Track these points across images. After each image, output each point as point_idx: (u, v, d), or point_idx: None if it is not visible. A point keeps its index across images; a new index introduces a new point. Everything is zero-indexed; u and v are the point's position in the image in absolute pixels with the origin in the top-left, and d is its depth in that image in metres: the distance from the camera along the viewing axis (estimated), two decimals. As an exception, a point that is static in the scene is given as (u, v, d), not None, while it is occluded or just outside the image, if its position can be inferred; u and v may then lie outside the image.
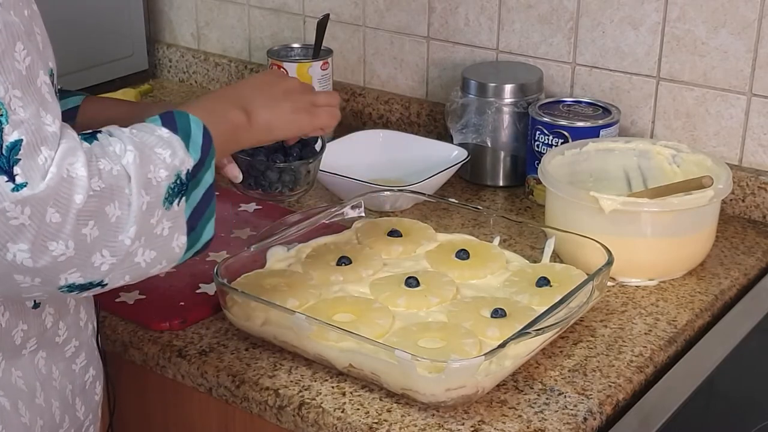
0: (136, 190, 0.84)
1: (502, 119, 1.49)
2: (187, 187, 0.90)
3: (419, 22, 1.68)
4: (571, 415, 1.01)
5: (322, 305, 1.11)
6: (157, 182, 0.86)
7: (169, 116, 0.92)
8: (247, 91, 1.07)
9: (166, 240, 0.89)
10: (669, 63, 1.46)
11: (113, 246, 0.83)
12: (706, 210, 1.24)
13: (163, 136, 0.89)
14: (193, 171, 0.90)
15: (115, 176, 0.83)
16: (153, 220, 0.86)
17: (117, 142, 0.85)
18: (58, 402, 0.97)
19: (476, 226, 1.36)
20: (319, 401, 1.03)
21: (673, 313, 1.20)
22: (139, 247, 0.86)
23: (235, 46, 1.94)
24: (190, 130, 0.92)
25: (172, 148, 0.89)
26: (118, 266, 0.85)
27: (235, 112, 1.02)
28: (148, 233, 0.86)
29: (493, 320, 1.09)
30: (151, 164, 0.86)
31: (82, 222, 0.80)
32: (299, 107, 1.09)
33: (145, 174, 0.85)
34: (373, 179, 1.42)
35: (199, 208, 0.92)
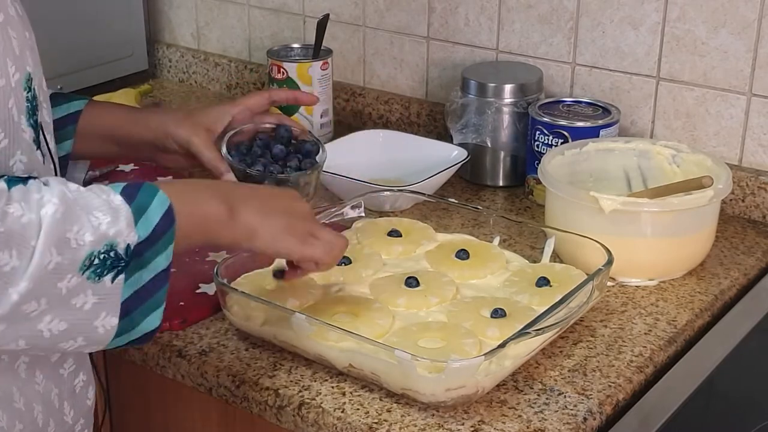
0: (43, 244, 0.78)
1: (502, 119, 1.49)
2: (127, 264, 0.84)
3: (419, 22, 1.68)
4: (571, 415, 1.01)
5: (322, 305, 1.11)
6: (77, 244, 0.80)
7: (133, 186, 0.87)
8: (244, 192, 1.01)
9: (87, 315, 0.83)
10: (669, 63, 1.46)
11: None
12: (706, 210, 1.24)
13: (111, 202, 0.84)
14: (136, 248, 0.84)
15: (22, 224, 0.78)
16: (62, 284, 0.80)
17: (47, 192, 0.81)
18: (41, 406, 0.95)
19: (476, 226, 1.36)
20: (319, 401, 1.03)
21: (673, 313, 1.20)
22: (40, 313, 0.80)
23: (235, 46, 1.94)
24: (148, 205, 0.86)
25: (114, 217, 0.83)
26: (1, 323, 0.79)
27: (216, 203, 0.94)
28: (53, 298, 0.80)
29: (493, 320, 1.09)
30: (75, 224, 0.81)
31: None
32: (293, 229, 1.00)
33: (62, 232, 0.80)
34: (373, 179, 1.42)
35: (142, 292, 0.86)
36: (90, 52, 1.85)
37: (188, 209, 0.90)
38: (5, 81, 0.85)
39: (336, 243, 1.03)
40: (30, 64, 0.89)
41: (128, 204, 0.85)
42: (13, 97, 0.87)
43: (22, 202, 0.79)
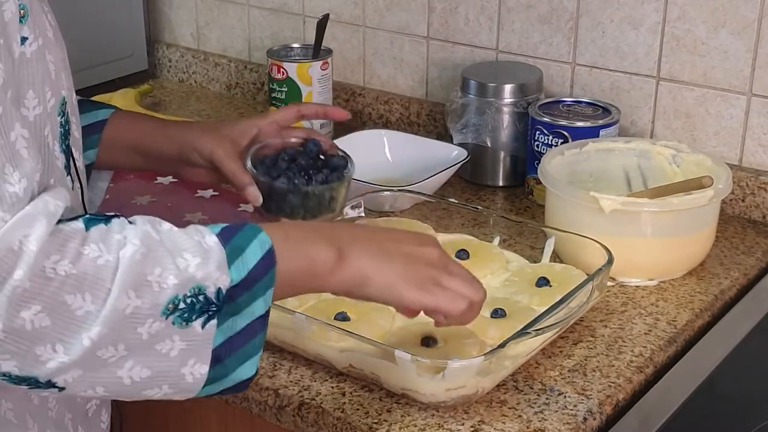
0: (119, 287, 0.74)
1: (502, 119, 1.49)
2: (219, 309, 0.79)
3: (419, 22, 1.68)
4: (571, 415, 1.01)
5: (322, 305, 1.11)
6: (159, 288, 0.76)
7: (234, 228, 0.82)
8: (359, 233, 0.92)
9: (173, 361, 0.78)
10: (669, 63, 1.46)
11: (68, 342, 0.73)
12: (706, 210, 1.24)
13: (204, 243, 0.79)
14: (229, 292, 0.79)
15: (98, 266, 0.74)
16: (142, 329, 0.76)
17: (130, 231, 0.77)
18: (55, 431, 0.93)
19: (476, 226, 1.36)
20: (319, 401, 1.03)
21: (673, 313, 1.20)
22: (119, 359, 0.76)
23: (235, 46, 1.94)
24: (245, 247, 0.80)
25: (204, 258, 0.78)
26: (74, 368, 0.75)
27: (324, 248, 0.86)
28: (133, 344, 0.76)
29: (493, 320, 1.09)
30: (157, 266, 0.76)
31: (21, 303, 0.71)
32: (414, 276, 0.89)
33: (142, 274, 0.75)
34: (373, 179, 1.42)
35: (236, 339, 0.80)
36: (90, 52, 1.85)
37: (291, 253, 0.84)
38: (42, 108, 0.81)
39: (467, 293, 0.91)
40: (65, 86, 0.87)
41: (223, 245, 0.80)
42: (49, 124, 0.84)
43: (100, 243, 0.75)
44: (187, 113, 1.83)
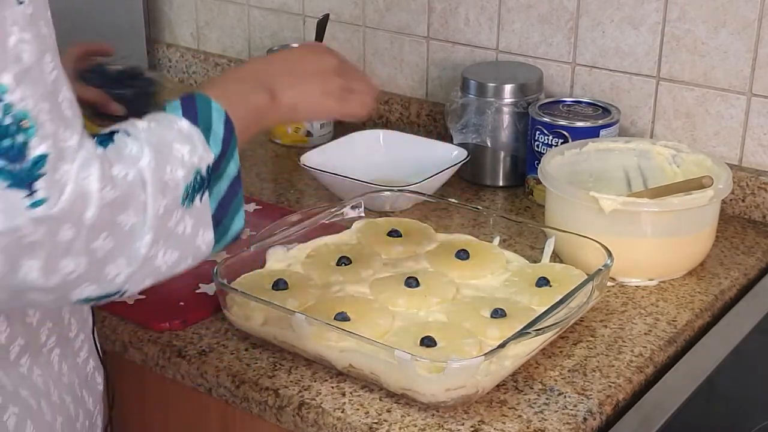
0: (152, 195, 0.81)
1: (502, 119, 1.49)
2: (209, 181, 0.87)
3: (419, 22, 1.68)
4: (571, 415, 1.01)
5: (322, 305, 1.11)
6: (175, 183, 0.83)
7: (190, 103, 0.89)
8: (276, 68, 1.03)
9: (190, 238, 0.86)
10: (669, 63, 1.46)
11: (128, 255, 0.80)
12: (706, 210, 1.24)
13: (182, 129, 0.86)
14: (214, 165, 0.88)
15: (129, 182, 0.79)
16: (171, 222, 0.83)
17: (133, 142, 0.82)
18: (70, 397, 0.96)
19: (476, 226, 1.36)
20: (319, 401, 1.03)
21: (673, 313, 1.20)
22: (158, 251, 0.83)
23: (235, 46, 1.94)
24: (211, 121, 0.89)
25: (192, 144, 0.86)
26: (135, 274, 0.82)
27: (259, 93, 0.98)
28: (166, 236, 0.83)
29: (493, 320, 1.09)
30: (168, 165, 0.83)
31: (93, 236, 0.77)
32: (329, 90, 1.04)
33: (162, 177, 0.82)
34: (373, 179, 1.42)
35: (225, 200, 0.89)
36: (90, 52, 1.85)
37: (237, 108, 0.92)
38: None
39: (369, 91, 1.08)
40: None
41: (195, 125, 0.87)
42: None
43: (121, 162, 0.80)
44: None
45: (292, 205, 1.47)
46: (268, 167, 1.61)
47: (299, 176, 1.57)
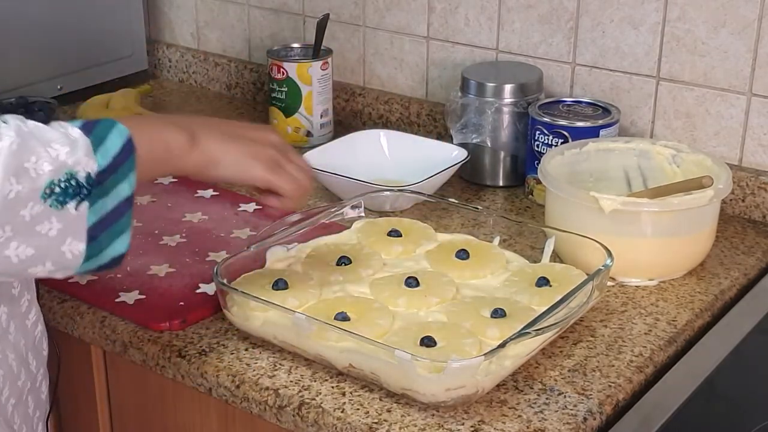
0: (2, 175, 0.82)
1: (502, 119, 1.49)
2: (89, 192, 0.87)
3: (419, 22, 1.68)
4: (571, 415, 1.01)
5: (322, 305, 1.11)
6: (36, 174, 0.84)
7: (92, 122, 0.90)
8: (211, 123, 1.03)
9: (53, 241, 0.86)
10: (669, 63, 1.46)
11: None
12: (706, 210, 1.24)
13: (69, 134, 0.87)
14: (98, 177, 0.87)
15: None
16: (24, 212, 0.84)
17: (3, 127, 0.84)
18: (14, 355, 1.00)
19: (476, 226, 1.36)
20: (319, 401, 1.03)
21: (673, 313, 1.20)
22: (6, 239, 0.84)
23: (235, 46, 1.94)
24: (106, 136, 0.89)
25: (73, 147, 0.86)
26: None
27: (176, 134, 0.97)
28: (18, 226, 0.84)
29: (493, 320, 1.09)
30: (33, 155, 0.84)
31: None
32: (258, 156, 1.02)
33: (20, 162, 0.83)
34: (373, 179, 1.42)
35: (107, 218, 0.89)
36: (90, 52, 1.85)
37: (147, 138, 0.93)
38: None
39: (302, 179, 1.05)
40: None
41: (87, 136, 0.88)
42: None
43: None
44: (187, 113, 1.83)
45: (292, 205, 1.47)
46: (268, 167, 1.61)
47: (299, 176, 1.57)
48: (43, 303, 1.21)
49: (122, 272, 1.26)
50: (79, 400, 1.29)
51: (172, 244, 1.33)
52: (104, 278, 1.24)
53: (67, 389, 1.30)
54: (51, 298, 1.23)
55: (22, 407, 1.05)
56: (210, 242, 1.34)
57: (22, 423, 1.06)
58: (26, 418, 1.07)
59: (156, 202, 1.46)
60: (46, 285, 1.24)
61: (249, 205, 1.44)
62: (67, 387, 1.29)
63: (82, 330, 1.20)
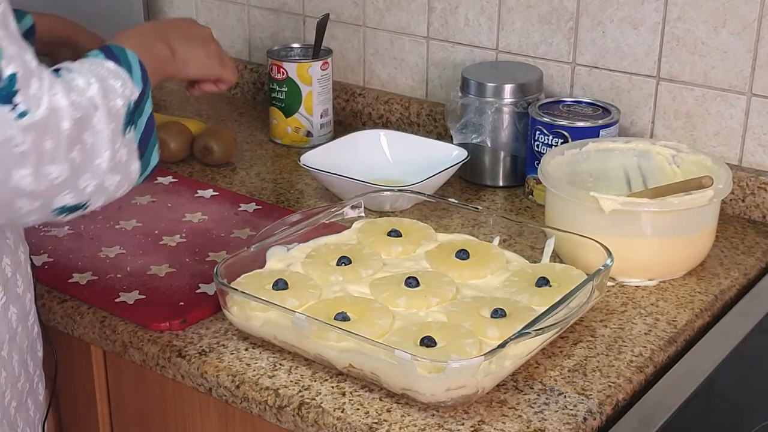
0: (104, 118, 0.91)
1: (502, 119, 1.49)
2: (134, 116, 0.97)
3: (419, 22, 1.68)
4: (571, 415, 1.01)
5: (322, 305, 1.11)
6: (116, 111, 0.93)
7: (108, 50, 0.98)
8: (169, 29, 1.15)
9: (126, 165, 0.96)
10: (669, 63, 1.46)
11: (93, 170, 0.91)
12: (706, 210, 1.24)
13: (111, 68, 0.95)
14: (137, 101, 0.97)
15: (85, 107, 0.89)
16: (117, 146, 0.93)
17: (78, 76, 0.91)
18: (17, 356, 1.02)
19: (476, 226, 1.36)
20: (319, 401, 1.03)
21: (673, 313, 1.20)
22: (109, 172, 0.93)
23: (235, 46, 1.94)
24: (130, 63, 0.98)
25: (122, 80, 0.95)
26: (97, 189, 0.92)
27: (160, 46, 1.10)
28: (114, 159, 0.93)
29: (493, 320, 1.09)
30: (110, 94, 0.93)
31: (70, 147, 0.88)
32: (211, 53, 1.19)
33: (107, 103, 0.92)
34: (373, 179, 1.42)
35: (145, 135, 0.98)
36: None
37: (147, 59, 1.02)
38: None
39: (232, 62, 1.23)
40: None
41: (119, 65, 0.97)
42: None
43: (72, 91, 0.89)
44: (187, 113, 1.83)
45: (292, 205, 1.47)
46: (268, 167, 1.61)
47: (299, 176, 1.57)
48: (43, 303, 1.21)
49: (122, 272, 1.26)
50: (79, 400, 1.29)
51: (172, 244, 1.33)
52: (104, 278, 1.25)
53: (67, 389, 1.30)
54: (51, 298, 1.23)
55: (24, 410, 1.06)
56: (210, 242, 1.34)
57: (25, 426, 1.06)
58: (28, 421, 1.07)
59: (156, 202, 1.46)
60: (46, 285, 1.24)
61: (249, 205, 1.44)
62: (67, 387, 1.30)
63: (82, 330, 1.20)
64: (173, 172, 1.56)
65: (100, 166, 0.92)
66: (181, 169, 1.58)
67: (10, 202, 0.87)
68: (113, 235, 1.36)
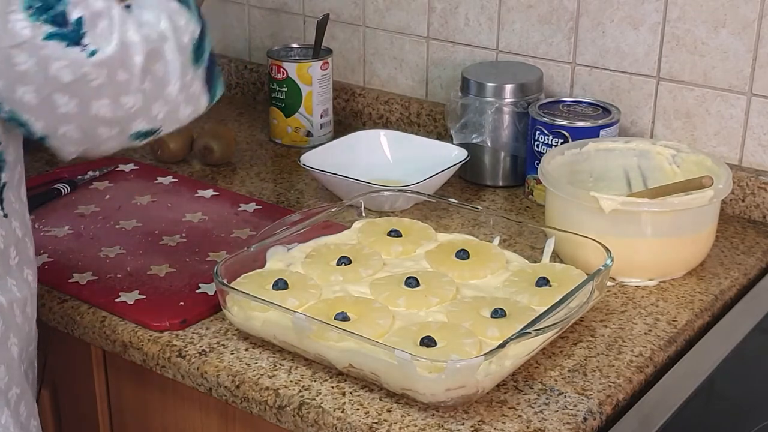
0: (173, 50, 0.96)
1: (502, 119, 1.49)
2: (198, 51, 1.00)
3: (419, 22, 1.68)
4: (571, 415, 1.01)
5: (322, 305, 1.11)
6: (185, 45, 0.98)
7: None
8: None
9: (197, 98, 1.01)
10: (669, 63, 1.46)
11: (165, 97, 0.97)
12: (706, 210, 1.24)
13: (173, 6, 0.99)
14: (199, 37, 1.00)
15: (155, 39, 0.94)
16: (188, 78, 0.98)
17: (148, 12, 0.96)
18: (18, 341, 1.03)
19: (476, 226, 1.36)
20: (319, 401, 1.03)
21: (673, 313, 1.20)
22: (181, 102, 0.99)
23: (235, 46, 1.94)
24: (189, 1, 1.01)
25: (185, 18, 0.99)
26: (169, 115, 0.98)
27: None
28: (186, 90, 0.99)
29: (493, 320, 1.09)
30: (178, 29, 0.97)
31: (143, 78, 0.94)
32: None
33: (177, 37, 0.97)
34: (373, 179, 1.42)
35: (209, 69, 1.02)
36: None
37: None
38: None
39: None
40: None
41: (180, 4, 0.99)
42: None
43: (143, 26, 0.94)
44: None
45: (292, 205, 1.47)
46: (268, 167, 1.61)
47: (299, 176, 1.57)
48: (43, 303, 1.21)
49: (122, 272, 1.26)
50: (79, 400, 1.29)
51: (172, 244, 1.33)
52: (104, 278, 1.25)
53: (67, 389, 1.30)
54: (51, 298, 1.23)
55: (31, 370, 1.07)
56: (210, 242, 1.34)
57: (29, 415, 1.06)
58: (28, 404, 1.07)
59: (156, 202, 1.46)
60: (46, 285, 1.24)
61: (249, 205, 1.44)
62: (67, 387, 1.30)
63: (82, 330, 1.20)
64: (173, 172, 1.56)
65: (171, 94, 0.97)
66: (181, 169, 1.58)
67: (92, 130, 0.95)
68: (113, 235, 1.36)
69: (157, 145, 1.59)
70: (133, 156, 1.63)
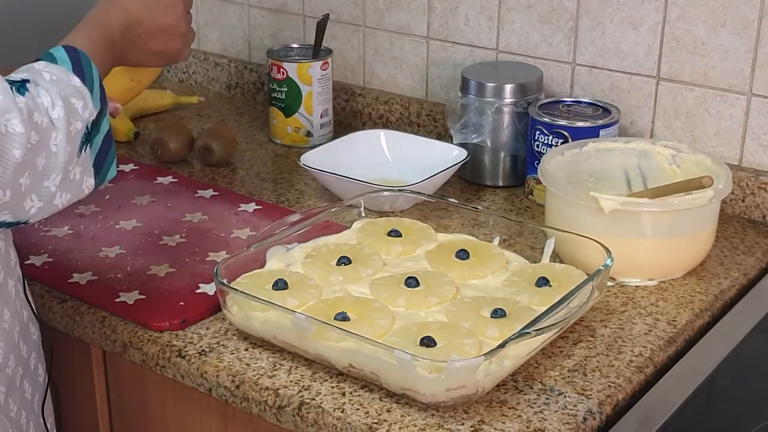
0: (62, 142, 0.93)
1: (502, 119, 1.49)
2: (90, 135, 0.98)
3: (419, 22, 1.68)
4: (571, 415, 1.01)
5: (322, 305, 1.11)
6: (75, 133, 0.95)
7: (76, 60, 0.99)
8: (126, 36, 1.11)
9: (78, 183, 0.98)
10: (669, 63, 1.46)
11: (41, 192, 0.94)
12: (706, 210, 1.24)
13: (76, 85, 0.97)
14: (95, 121, 0.99)
15: (44, 129, 0.91)
16: (71, 167, 0.96)
17: (45, 94, 0.93)
18: (3, 342, 1.03)
19: (476, 226, 1.36)
20: (319, 401, 1.03)
21: (673, 313, 1.20)
22: (60, 192, 0.96)
23: (235, 46, 1.94)
24: (93, 80, 0.99)
25: (84, 100, 0.97)
26: (43, 209, 0.95)
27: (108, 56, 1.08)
28: (66, 179, 0.96)
29: (493, 320, 1.09)
30: (71, 117, 0.95)
31: (19, 173, 0.90)
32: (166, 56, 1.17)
33: (68, 127, 0.94)
34: (373, 179, 1.42)
35: (101, 152, 1.00)
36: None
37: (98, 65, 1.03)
38: None
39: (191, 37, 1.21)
40: None
41: (83, 83, 0.98)
42: None
43: (36, 110, 0.91)
44: (187, 113, 1.83)
45: (292, 205, 1.47)
46: (268, 167, 1.61)
47: (299, 176, 1.57)
48: (43, 303, 1.22)
49: (122, 272, 1.26)
50: (79, 400, 1.29)
51: (172, 244, 1.33)
52: (104, 278, 1.25)
53: (67, 390, 1.30)
54: (51, 298, 1.23)
55: (18, 393, 1.06)
56: (210, 242, 1.34)
57: (20, 409, 1.07)
58: (24, 403, 1.08)
59: (156, 202, 1.46)
60: (46, 285, 1.24)
61: (249, 205, 1.44)
62: (67, 387, 1.30)
63: (82, 330, 1.20)
64: (173, 172, 1.56)
65: (48, 188, 0.94)
66: (181, 169, 1.58)
67: None
68: (113, 235, 1.36)
69: (157, 145, 1.59)
70: (133, 156, 1.63)
